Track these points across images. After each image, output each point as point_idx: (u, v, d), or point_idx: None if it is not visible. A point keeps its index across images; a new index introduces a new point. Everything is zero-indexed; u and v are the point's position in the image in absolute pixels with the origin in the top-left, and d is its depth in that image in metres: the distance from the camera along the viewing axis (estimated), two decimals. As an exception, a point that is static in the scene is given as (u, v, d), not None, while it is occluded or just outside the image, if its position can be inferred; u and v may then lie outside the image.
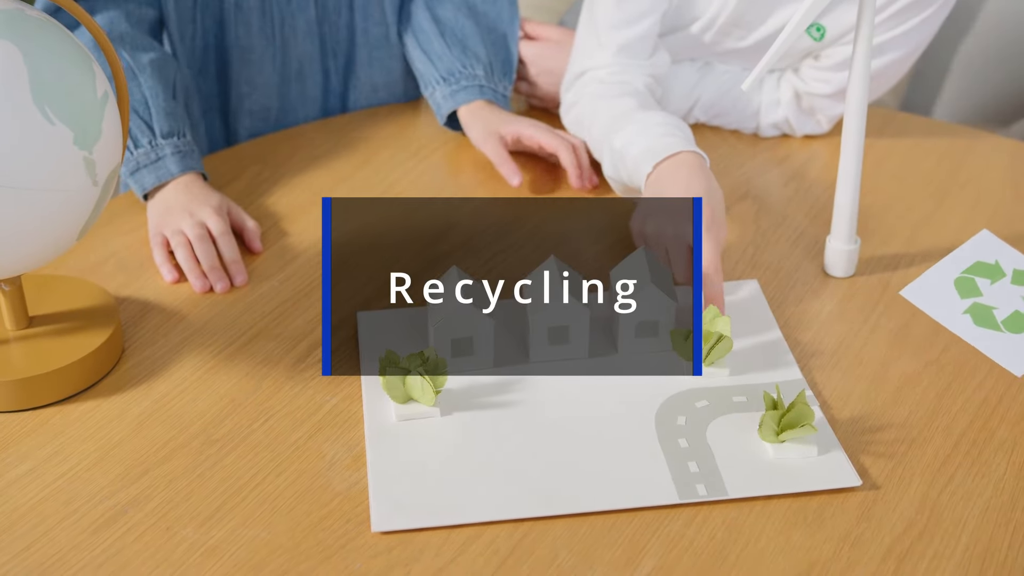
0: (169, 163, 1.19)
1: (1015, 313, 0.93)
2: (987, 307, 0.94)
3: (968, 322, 0.93)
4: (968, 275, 0.96)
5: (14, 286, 1.02)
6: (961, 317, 0.93)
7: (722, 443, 0.96)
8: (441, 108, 1.34)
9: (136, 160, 1.18)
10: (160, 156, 1.17)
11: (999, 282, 0.95)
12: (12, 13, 0.91)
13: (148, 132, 1.18)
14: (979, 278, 0.96)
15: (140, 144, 1.18)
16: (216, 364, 1.06)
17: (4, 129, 0.88)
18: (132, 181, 1.19)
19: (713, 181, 1.13)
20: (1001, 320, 0.93)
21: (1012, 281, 0.96)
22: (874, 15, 1.05)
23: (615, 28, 1.29)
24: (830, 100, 1.35)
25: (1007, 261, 0.97)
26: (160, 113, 1.19)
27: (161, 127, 1.18)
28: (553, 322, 1.04)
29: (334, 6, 1.37)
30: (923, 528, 0.89)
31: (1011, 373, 1.01)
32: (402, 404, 0.99)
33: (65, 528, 0.90)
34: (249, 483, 0.94)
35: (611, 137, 1.22)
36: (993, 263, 0.97)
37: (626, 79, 1.29)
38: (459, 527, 0.90)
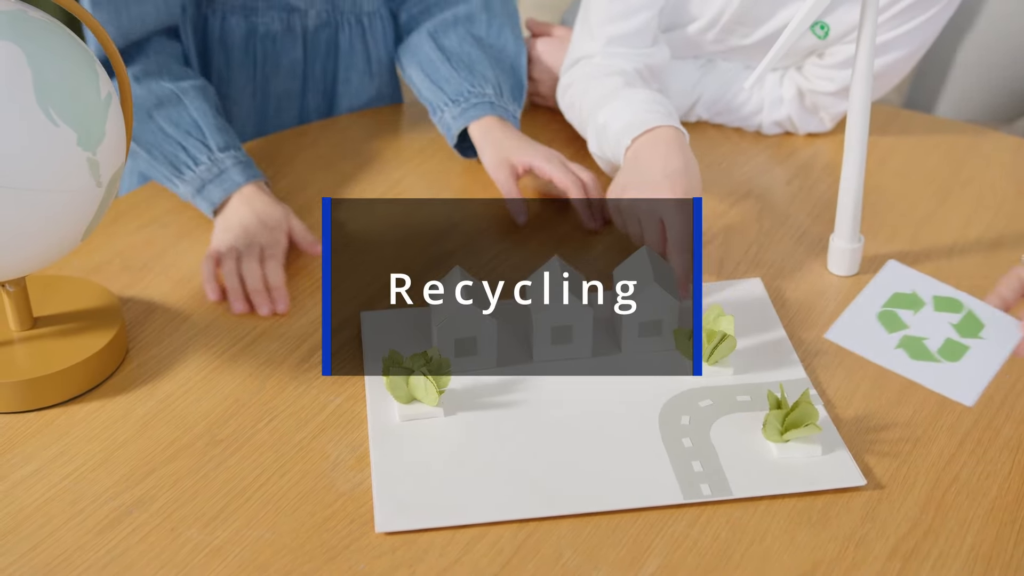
0: (233, 174, 1.18)
1: (947, 341, 0.91)
2: (918, 338, 0.91)
3: (903, 356, 0.90)
4: (889, 308, 0.93)
5: (18, 287, 1.02)
6: (895, 352, 0.90)
7: (726, 443, 0.96)
8: (451, 128, 1.30)
9: (200, 177, 1.18)
10: (222, 169, 1.17)
11: (921, 311, 0.93)
12: (15, 14, 0.91)
13: (205, 149, 1.18)
14: (900, 310, 0.93)
15: (200, 161, 1.18)
16: (220, 364, 1.06)
17: (8, 130, 0.88)
18: (200, 200, 1.18)
19: (691, 157, 1.14)
20: (936, 350, 0.90)
21: (935, 308, 0.93)
22: (877, 13, 1.05)
23: (608, 22, 1.30)
24: (833, 98, 1.34)
25: (924, 289, 0.95)
26: (212, 129, 1.19)
27: (217, 142, 1.19)
28: (556, 322, 1.04)
29: (320, 52, 1.37)
30: (928, 527, 0.89)
31: (1015, 372, 1.01)
32: (406, 404, 0.99)
33: (70, 528, 0.90)
34: (253, 484, 0.94)
35: (596, 113, 1.23)
36: (911, 293, 0.94)
37: (618, 63, 1.30)
38: (463, 527, 0.90)
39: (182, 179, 1.19)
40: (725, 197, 1.29)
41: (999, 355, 0.89)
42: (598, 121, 1.22)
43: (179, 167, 1.19)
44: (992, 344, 0.90)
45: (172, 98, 1.21)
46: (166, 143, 1.19)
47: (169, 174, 1.20)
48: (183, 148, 1.19)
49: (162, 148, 1.19)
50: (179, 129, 1.20)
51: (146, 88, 1.21)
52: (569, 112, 1.32)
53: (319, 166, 1.34)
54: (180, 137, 1.19)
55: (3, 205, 0.90)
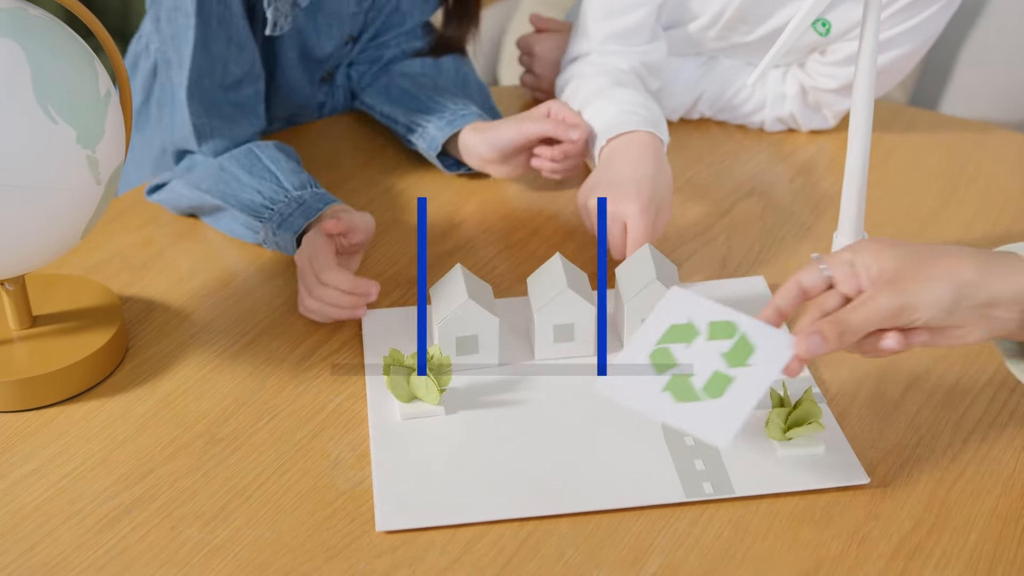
0: (312, 202, 1.14)
1: (715, 375, 0.85)
2: (684, 377, 0.85)
3: (668, 400, 0.85)
4: (663, 345, 0.87)
5: (18, 285, 1.02)
6: (661, 396, 0.84)
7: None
8: (436, 139, 1.25)
9: (280, 214, 1.14)
10: (301, 202, 1.14)
11: (694, 342, 0.86)
12: (14, 11, 0.91)
13: (282, 191, 1.15)
14: (674, 345, 0.87)
15: (277, 201, 1.15)
16: (220, 363, 1.05)
17: (7, 128, 0.88)
18: (281, 233, 1.13)
19: (663, 163, 1.15)
20: (700, 387, 0.84)
21: (708, 337, 0.87)
22: (880, 10, 1.04)
23: (604, 18, 1.30)
24: (836, 95, 1.34)
25: (700, 316, 0.88)
26: (286, 173, 1.17)
27: (292, 182, 1.16)
28: (558, 320, 1.03)
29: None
30: (932, 526, 0.88)
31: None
32: (407, 403, 0.99)
33: (69, 528, 0.89)
34: (253, 482, 0.93)
35: (582, 111, 1.24)
36: (687, 323, 0.88)
37: (613, 61, 1.30)
38: (464, 526, 0.89)
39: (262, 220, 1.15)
40: (728, 195, 1.28)
41: (761, 386, 0.84)
42: (583, 118, 1.23)
43: (257, 210, 1.16)
44: (757, 372, 0.84)
45: (248, 158, 1.19)
46: (242, 191, 1.17)
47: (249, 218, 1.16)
48: (259, 192, 1.16)
49: (238, 196, 1.17)
50: (253, 176, 1.17)
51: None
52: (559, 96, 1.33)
53: (320, 164, 1.33)
54: (255, 183, 1.17)
55: (2, 203, 0.89)
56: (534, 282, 1.06)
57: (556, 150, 1.20)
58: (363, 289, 1.06)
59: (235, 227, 1.18)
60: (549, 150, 1.21)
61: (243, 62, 1.21)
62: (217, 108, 1.20)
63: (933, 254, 0.83)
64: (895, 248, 0.84)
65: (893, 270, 0.83)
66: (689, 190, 1.29)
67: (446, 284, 1.04)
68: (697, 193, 1.29)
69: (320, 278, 1.06)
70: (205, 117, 1.20)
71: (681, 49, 1.37)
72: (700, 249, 1.20)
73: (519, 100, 1.46)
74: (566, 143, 1.20)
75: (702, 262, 1.18)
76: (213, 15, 1.16)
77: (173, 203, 1.22)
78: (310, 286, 1.07)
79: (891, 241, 0.85)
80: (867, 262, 0.84)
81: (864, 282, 0.84)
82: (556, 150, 1.20)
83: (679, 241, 1.21)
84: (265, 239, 1.15)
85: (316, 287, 1.06)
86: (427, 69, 1.35)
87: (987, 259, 0.83)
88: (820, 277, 0.86)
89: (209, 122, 1.20)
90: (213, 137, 1.20)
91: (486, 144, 1.22)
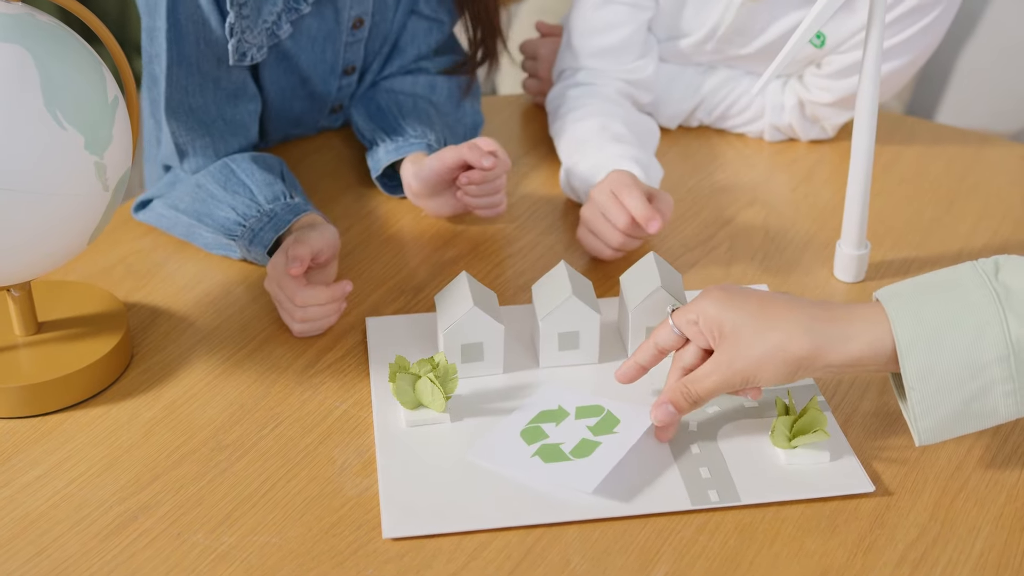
0: (282, 215, 1.14)
1: (582, 441, 0.94)
2: (554, 444, 0.95)
3: (538, 463, 0.93)
4: (533, 424, 0.97)
5: (23, 291, 1.02)
6: (530, 461, 0.93)
7: (733, 449, 0.96)
8: (381, 161, 1.25)
9: (251, 230, 1.13)
10: (272, 216, 1.13)
11: (564, 422, 0.97)
12: (23, 18, 0.91)
13: (255, 205, 1.15)
14: (544, 424, 0.97)
15: (250, 216, 1.14)
16: (225, 370, 1.06)
17: (16, 133, 0.88)
18: (254, 249, 1.13)
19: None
20: (569, 451, 0.94)
21: (576, 417, 0.97)
22: (884, 21, 1.05)
23: (588, 35, 1.31)
24: (832, 109, 1.35)
25: (569, 401, 0.99)
26: (259, 185, 1.16)
27: (265, 195, 1.15)
28: (563, 328, 1.04)
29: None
30: (937, 534, 0.89)
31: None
32: (412, 410, 0.99)
33: (76, 534, 0.89)
34: (259, 489, 0.93)
35: (570, 155, 1.26)
36: (556, 408, 0.99)
37: (600, 86, 1.32)
38: (471, 533, 0.89)
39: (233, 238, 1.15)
40: (730, 204, 1.29)
41: (627, 443, 0.94)
42: (567, 163, 1.25)
43: (230, 228, 1.15)
44: (622, 436, 0.95)
45: (224, 172, 1.18)
46: (217, 208, 1.16)
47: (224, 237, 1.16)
48: (232, 208, 1.16)
49: (213, 214, 1.16)
50: (228, 191, 1.17)
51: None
52: (551, 126, 1.35)
53: (324, 173, 1.34)
54: (229, 198, 1.16)
55: (11, 208, 0.89)
56: (539, 290, 1.06)
57: (468, 174, 1.17)
58: (339, 294, 1.07)
59: (212, 247, 1.18)
60: (466, 175, 1.18)
61: (232, 81, 1.20)
62: (206, 127, 1.20)
63: (768, 321, 0.89)
64: (734, 311, 0.89)
65: (732, 334, 0.89)
66: (691, 199, 1.30)
67: (451, 291, 1.04)
68: (699, 202, 1.29)
69: (295, 302, 1.06)
70: (187, 136, 1.20)
71: (678, 60, 1.38)
72: (703, 258, 1.20)
73: (519, 108, 1.47)
74: (478, 171, 1.17)
75: (705, 271, 1.18)
76: (188, 36, 1.15)
77: (155, 222, 1.21)
78: (291, 311, 1.07)
79: (732, 296, 0.91)
80: (709, 324, 0.91)
81: (711, 340, 0.91)
82: (468, 174, 1.17)
83: (682, 250, 1.21)
84: (243, 256, 1.16)
85: (296, 311, 1.06)
86: (419, 89, 1.33)
87: (823, 330, 0.87)
88: (672, 335, 0.94)
89: (191, 140, 1.20)
90: (196, 155, 1.20)
91: (414, 176, 1.20)
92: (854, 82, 1.29)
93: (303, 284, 1.07)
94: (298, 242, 1.08)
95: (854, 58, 1.28)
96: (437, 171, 1.18)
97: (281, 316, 1.09)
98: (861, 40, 1.25)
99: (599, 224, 1.15)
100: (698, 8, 1.31)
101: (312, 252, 1.08)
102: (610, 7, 1.30)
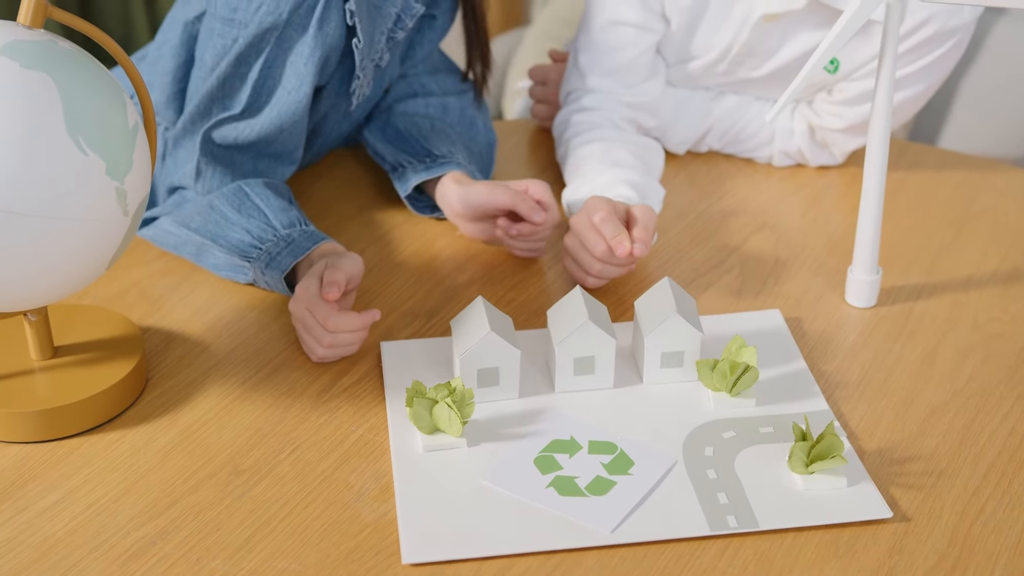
0: (300, 241, 1.13)
1: (596, 478, 0.95)
2: (569, 478, 0.95)
3: (553, 494, 0.94)
4: (546, 453, 0.98)
5: (40, 316, 1.02)
6: (545, 491, 0.94)
7: (750, 474, 0.96)
8: (409, 180, 1.25)
9: (268, 253, 1.13)
10: (290, 241, 1.13)
11: (577, 454, 0.98)
12: (46, 44, 0.91)
13: (270, 229, 1.15)
14: (557, 454, 0.98)
15: (266, 240, 1.14)
16: (240, 394, 1.06)
17: (39, 159, 0.88)
18: (270, 272, 1.12)
19: None
20: (584, 486, 0.95)
21: (589, 451, 0.98)
22: (897, 50, 1.06)
23: (597, 55, 1.32)
24: (842, 135, 1.35)
25: (581, 434, 1.00)
26: (275, 211, 1.16)
27: (281, 221, 1.15)
28: (579, 353, 1.04)
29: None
30: (956, 560, 0.89)
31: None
32: (429, 435, 0.99)
33: (95, 559, 0.89)
34: (277, 514, 0.93)
35: (567, 189, 1.27)
36: (568, 439, 0.99)
37: (603, 111, 1.33)
38: (490, 559, 0.89)
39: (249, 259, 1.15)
40: (740, 229, 1.30)
41: (644, 487, 0.94)
42: (567, 189, 1.27)
43: (245, 250, 1.15)
44: (638, 479, 0.95)
45: (238, 196, 1.18)
46: (231, 230, 1.16)
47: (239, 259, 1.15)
48: (247, 231, 1.15)
49: (227, 236, 1.16)
50: (242, 214, 1.17)
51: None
52: (556, 151, 1.36)
53: (335, 196, 1.34)
54: (244, 221, 1.16)
55: (33, 233, 0.90)
56: (554, 315, 1.06)
57: (518, 226, 1.18)
58: (369, 321, 1.07)
59: (220, 269, 1.18)
60: (510, 225, 1.19)
61: (283, 144, 1.21)
62: (236, 175, 1.21)
63: None
64: None
65: None
66: (700, 224, 1.30)
67: (468, 316, 1.05)
68: (709, 227, 1.30)
69: (327, 327, 1.06)
70: (209, 165, 1.20)
71: (689, 83, 1.39)
72: (715, 283, 1.21)
73: (526, 133, 1.48)
74: (527, 224, 1.18)
75: (716, 295, 1.19)
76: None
77: (160, 240, 1.21)
78: (318, 336, 1.07)
79: None
80: None
81: None
82: (518, 226, 1.18)
83: (693, 275, 1.22)
84: (255, 278, 1.15)
85: (325, 336, 1.06)
86: (431, 111, 1.34)
87: None
88: None
89: (213, 172, 1.20)
90: (213, 179, 1.21)
91: (459, 198, 1.21)
92: (866, 109, 1.30)
93: (336, 310, 1.07)
94: (333, 268, 1.08)
95: (866, 86, 1.29)
96: (484, 206, 1.19)
97: (303, 340, 1.09)
98: (874, 68, 1.26)
99: (578, 253, 1.15)
100: (712, 29, 1.32)
101: (346, 278, 1.08)
102: (617, 28, 1.31)
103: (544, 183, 1.20)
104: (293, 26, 1.14)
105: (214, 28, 1.16)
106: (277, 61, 1.15)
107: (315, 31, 1.14)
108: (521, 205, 1.18)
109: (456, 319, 1.06)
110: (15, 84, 0.88)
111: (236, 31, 1.14)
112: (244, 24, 1.14)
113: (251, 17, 1.13)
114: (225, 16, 1.15)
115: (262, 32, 1.14)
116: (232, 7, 1.14)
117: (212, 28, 1.16)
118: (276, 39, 1.14)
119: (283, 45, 1.15)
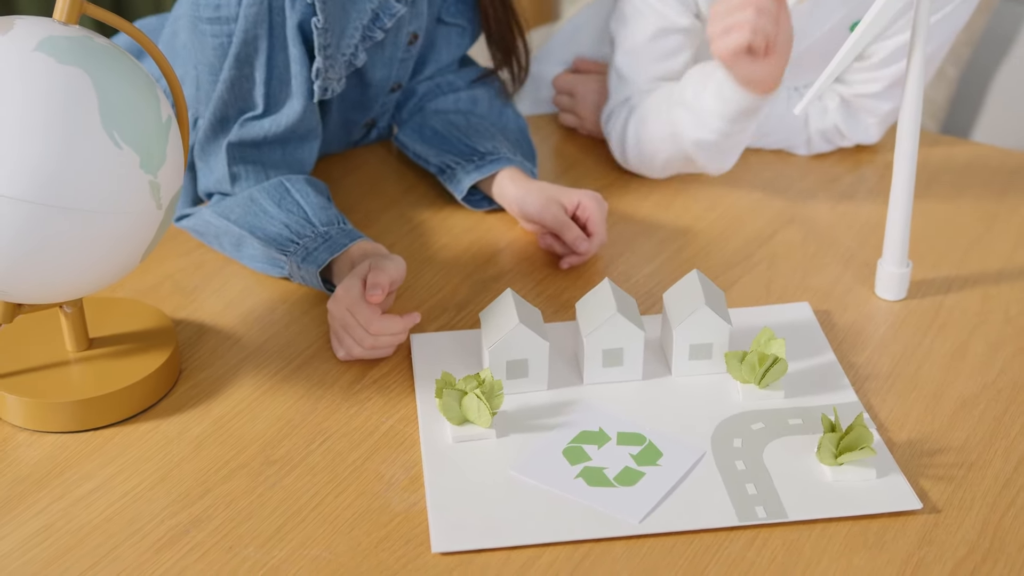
0: (338, 238, 1.14)
1: (625, 469, 0.95)
2: (598, 468, 0.95)
3: (582, 485, 0.94)
4: (575, 444, 0.98)
5: (76, 308, 1.04)
6: (574, 482, 0.94)
7: (779, 465, 0.96)
8: (463, 182, 1.26)
9: (305, 248, 1.14)
10: (327, 237, 1.14)
11: (605, 446, 0.98)
12: (81, 40, 0.93)
13: (309, 225, 1.16)
14: (586, 445, 0.98)
15: (304, 235, 1.15)
16: (272, 385, 1.07)
17: (75, 152, 0.90)
18: (306, 267, 1.12)
19: None
20: (613, 477, 0.95)
21: (618, 443, 0.98)
22: (927, 33, 1.06)
23: (648, 64, 1.32)
24: (878, 100, 1.35)
25: (610, 426, 1.00)
26: (314, 208, 1.17)
27: (320, 218, 1.16)
28: (607, 345, 1.04)
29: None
30: (986, 552, 0.89)
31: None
32: (458, 426, 1.00)
33: (130, 546, 0.90)
34: (308, 503, 0.94)
35: (680, 100, 1.26)
36: (597, 430, 1.00)
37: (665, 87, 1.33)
38: (519, 548, 0.90)
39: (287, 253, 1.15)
40: (770, 222, 1.29)
41: (672, 478, 0.95)
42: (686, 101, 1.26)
43: (283, 244, 1.16)
44: (666, 470, 0.95)
45: (279, 191, 1.20)
46: (269, 223, 1.17)
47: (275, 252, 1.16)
48: (286, 226, 1.16)
49: (265, 229, 1.17)
50: (282, 209, 1.18)
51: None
52: (635, 153, 1.33)
53: (363, 192, 1.35)
54: (283, 216, 1.17)
55: (68, 226, 0.91)
56: (583, 307, 1.07)
57: (571, 258, 1.21)
58: (411, 324, 1.08)
59: (257, 261, 1.18)
60: (566, 260, 1.21)
61: (304, 124, 1.22)
62: (268, 169, 1.22)
63: None
64: None
65: None
66: (729, 217, 1.30)
67: (496, 308, 1.05)
68: (737, 220, 1.30)
69: (370, 330, 1.06)
70: (242, 168, 1.21)
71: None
72: (743, 276, 1.21)
73: (555, 128, 1.48)
74: (573, 255, 1.20)
75: (746, 289, 1.19)
76: None
77: (200, 229, 1.22)
78: (359, 338, 1.07)
79: None
80: None
81: None
82: (571, 258, 1.21)
83: (722, 268, 1.22)
84: (291, 272, 1.16)
85: (367, 338, 1.06)
86: (461, 105, 1.35)
87: None
88: None
89: (246, 174, 1.21)
90: (248, 180, 1.22)
91: (516, 203, 1.23)
92: (901, 67, 1.30)
93: (378, 312, 1.07)
94: (377, 270, 1.08)
95: (898, 42, 1.29)
96: (534, 216, 1.21)
97: (339, 339, 1.08)
98: (903, 24, 1.26)
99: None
100: None
101: (390, 281, 1.08)
102: (667, 37, 1.31)
103: (597, 196, 1.20)
104: (275, 10, 1.14)
105: (204, 31, 1.17)
106: (277, 53, 1.16)
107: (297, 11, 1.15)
108: (567, 233, 1.19)
109: (485, 311, 1.06)
110: (52, 79, 0.90)
111: (227, 27, 1.16)
112: (230, 20, 1.15)
113: (234, 10, 1.14)
114: (210, 16, 1.16)
115: (251, 24, 1.14)
116: (214, 5, 1.15)
117: (203, 31, 1.17)
118: (267, 30, 1.15)
119: (275, 33, 1.16)
